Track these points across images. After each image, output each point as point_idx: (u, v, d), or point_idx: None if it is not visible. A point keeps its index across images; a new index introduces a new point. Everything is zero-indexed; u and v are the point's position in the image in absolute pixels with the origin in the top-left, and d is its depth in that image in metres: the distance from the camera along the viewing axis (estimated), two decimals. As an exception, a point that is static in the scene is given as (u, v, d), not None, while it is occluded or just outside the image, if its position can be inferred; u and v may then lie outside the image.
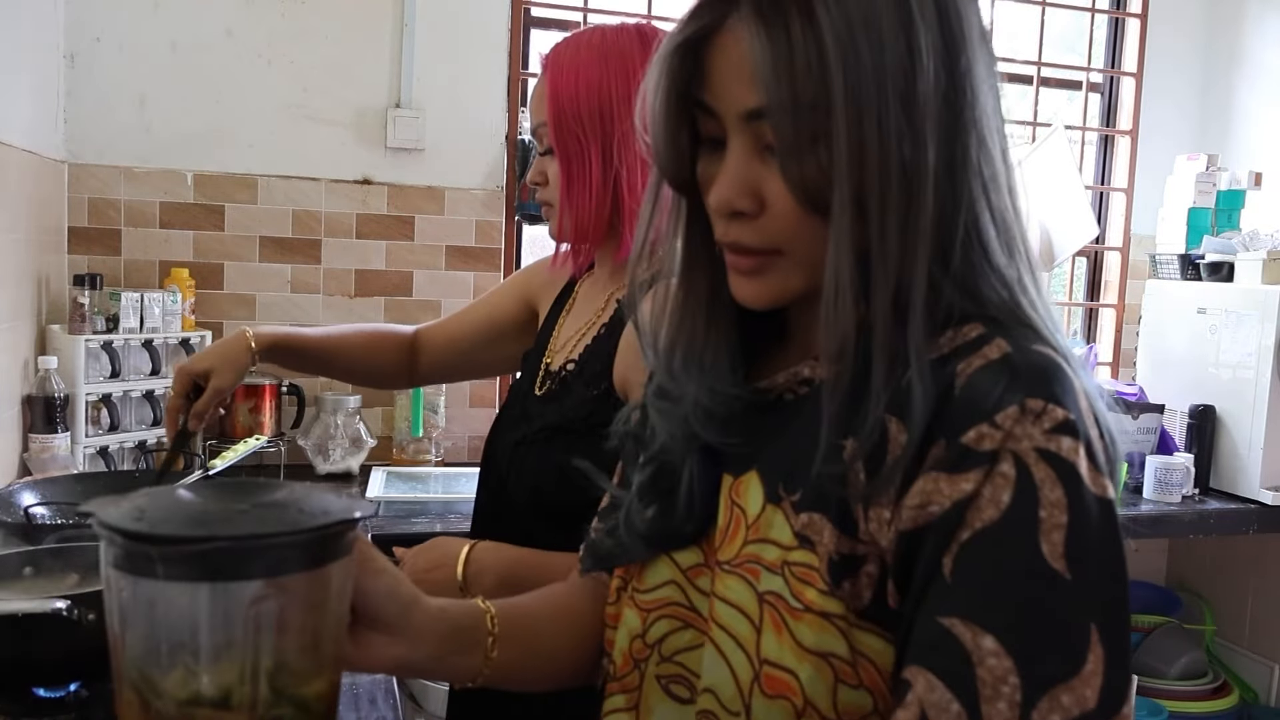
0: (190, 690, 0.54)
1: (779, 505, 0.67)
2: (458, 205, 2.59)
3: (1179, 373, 2.67)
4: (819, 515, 0.64)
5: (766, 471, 0.70)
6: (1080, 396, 0.60)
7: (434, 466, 2.48)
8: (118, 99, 2.36)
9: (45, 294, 2.18)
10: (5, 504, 1.47)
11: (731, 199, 0.65)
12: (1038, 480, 0.56)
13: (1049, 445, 0.57)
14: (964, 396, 0.60)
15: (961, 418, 0.59)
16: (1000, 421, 0.58)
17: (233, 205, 2.44)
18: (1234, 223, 2.78)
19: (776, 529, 0.67)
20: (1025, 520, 0.56)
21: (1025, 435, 0.57)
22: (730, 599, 0.69)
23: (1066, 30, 3.26)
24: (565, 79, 1.19)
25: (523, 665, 0.79)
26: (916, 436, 0.60)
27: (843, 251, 0.62)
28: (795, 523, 0.66)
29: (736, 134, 0.65)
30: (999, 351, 0.61)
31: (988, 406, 0.59)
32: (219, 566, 0.53)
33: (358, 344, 1.51)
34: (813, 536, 0.64)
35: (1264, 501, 2.45)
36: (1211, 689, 2.70)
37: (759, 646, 0.66)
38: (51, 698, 1.02)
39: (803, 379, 0.71)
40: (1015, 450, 0.57)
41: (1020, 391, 0.58)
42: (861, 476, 0.63)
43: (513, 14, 2.60)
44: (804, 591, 0.64)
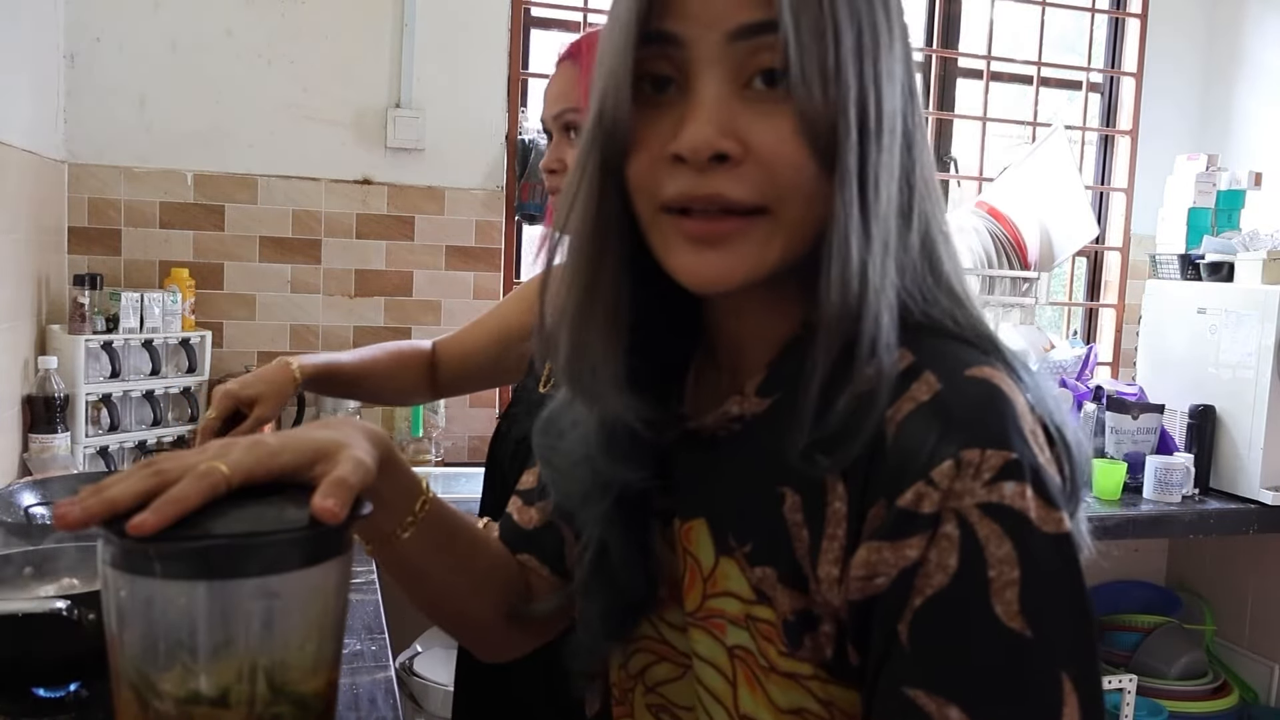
0: (188, 689, 0.54)
1: (731, 556, 0.64)
2: (458, 205, 2.59)
3: (1179, 373, 2.67)
4: (770, 570, 0.61)
5: (713, 519, 0.66)
6: (1024, 419, 0.56)
7: (434, 466, 2.48)
8: (118, 99, 2.36)
9: (45, 294, 2.18)
10: (5, 504, 1.47)
11: (712, 138, 0.56)
12: (983, 538, 0.53)
13: (991, 498, 0.53)
14: (896, 450, 0.55)
15: (896, 476, 0.55)
16: (937, 479, 0.54)
17: (233, 205, 2.44)
18: (1234, 223, 2.78)
19: (734, 581, 0.64)
20: (975, 583, 0.52)
21: (965, 491, 0.53)
22: (703, 655, 0.66)
23: (1066, 30, 3.26)
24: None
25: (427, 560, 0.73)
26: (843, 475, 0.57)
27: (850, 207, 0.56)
28: (751, 576, 0.62)
29: (713, 65, 0.57)
30: (928, 390, 0.56)
31: (921, 462, 0.54)
32: (216, 565, 0.53)
33: (385, 366, 1.51)
34: (768, 592, 0.61)
35: (1264, 501, 2.45)
36: (1211, 689, 2.69)
37: (736, 702, 0.64)
38: (51, 698, 1.02)
39: (732, 417, 0.65)
40: (957, 509, 0.53)
41: (955, 442, 0.54)
42: (805, 533, 0.59)
43: (513, 14, 2.60)
44: (768, 650, 0.62)
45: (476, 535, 0.78)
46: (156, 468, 0.55)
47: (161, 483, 0.54)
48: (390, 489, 0.67)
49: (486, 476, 1.35)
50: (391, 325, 2.57)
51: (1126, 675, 2.54)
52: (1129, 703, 2.50)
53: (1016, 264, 2.79)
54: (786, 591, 0.60)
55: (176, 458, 0.57)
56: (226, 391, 1.32)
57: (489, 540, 0.80)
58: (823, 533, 0.59)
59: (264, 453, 0.58)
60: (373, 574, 1.50)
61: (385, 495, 0.66)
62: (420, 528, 0.70)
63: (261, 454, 0.58)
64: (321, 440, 0.60)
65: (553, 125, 1.26)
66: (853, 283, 0.57)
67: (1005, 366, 0.58)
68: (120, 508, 0.53)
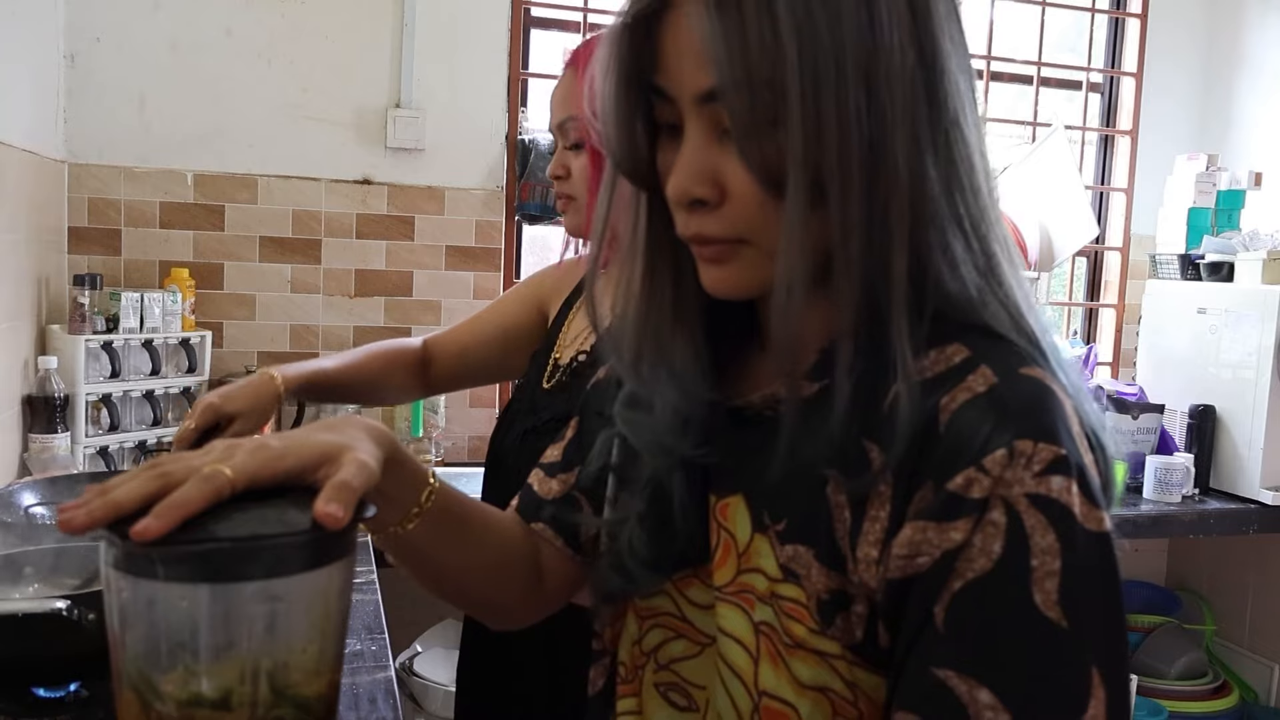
0: (190, 691, 0.54)
1: (765, 534, 0.65)
2: (458, 205, 2.59)
3: (1179, 373, 2.67)
4: (805, 548, 0.62)
5: (752, 496, 0.67)
6: (1073, 420, 0.58)
7: (434, 466, 2.48)
8: (118, 99, 2.36)
9: (45, 294, 2.18)
10: (5, 504, 1.46)
11: (689, 187, 0.62)
12: (1029, 527, 0.54)
13: (1039, 489, 0.55)
14: (950, 436, 0.57)
15: (948, 460, 0.57)
16: (989, 467, 0.55)
17: (233, 205, 2.44)
18: (1234, 223, 2.78)
19: (763, 558, 0.65)
20: (1017, 570, 0.54)
21: (1015, 480, 0.55)
22: (728, 629, 0.67)
23: (1066, 30, 3.26)
24: None
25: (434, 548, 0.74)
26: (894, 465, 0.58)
27: (794, 241, 0.58)
28: (780, 554, 0.64)
29: (693, 118, 0.62)
30: (985, 383, 0.58)
31: (975, 449, 0.56)
32: (219, 567, 0.53)
33: (374, 369, 1.50)
34: (799, 570, 0.62)
35: (1264, 501, 2.45)
36: (1211, 689, 2.70)
37: (757, 678, 0.64)
38: (51, 698, 1.02)
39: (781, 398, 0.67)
40: (1005, 496, 0.55)
41: (1009, 432, 0.56)
42: (847, 514, 0.61)
43: (513, 14, 2.60)
44: (793, 628, 0.62)
45: (485, 517, 0.79)
46: (160, 470, 0.55)
47: (165, 485, 0.54)
48: (395, 485, 0.67)
49: (487, 474, 1.35)
50: (391, 325, 2.57)
51: (1126, 675, 2.54)
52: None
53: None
54: (822, 570, 0.61)
55: (181, 459, 0.57)
56: (208, 405, 1.27)
57: (498, 520, 0.81)
58: (865, 514, 0.60)
59: (268, 456, 0.58)
60: (373, 574, 1.50)
61: (390, 492, 0.67)
62: (426, 518, 0.71)
63: (265, 457, 0.58)
64: (325, 443, 0.60)
65: (556, 133, 1.27)
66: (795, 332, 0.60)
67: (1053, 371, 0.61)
68: (124, 511, 0.53)
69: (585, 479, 0.81)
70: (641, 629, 0.75)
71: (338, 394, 1.51)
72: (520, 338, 1.46)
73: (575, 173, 1.24)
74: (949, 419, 0.58)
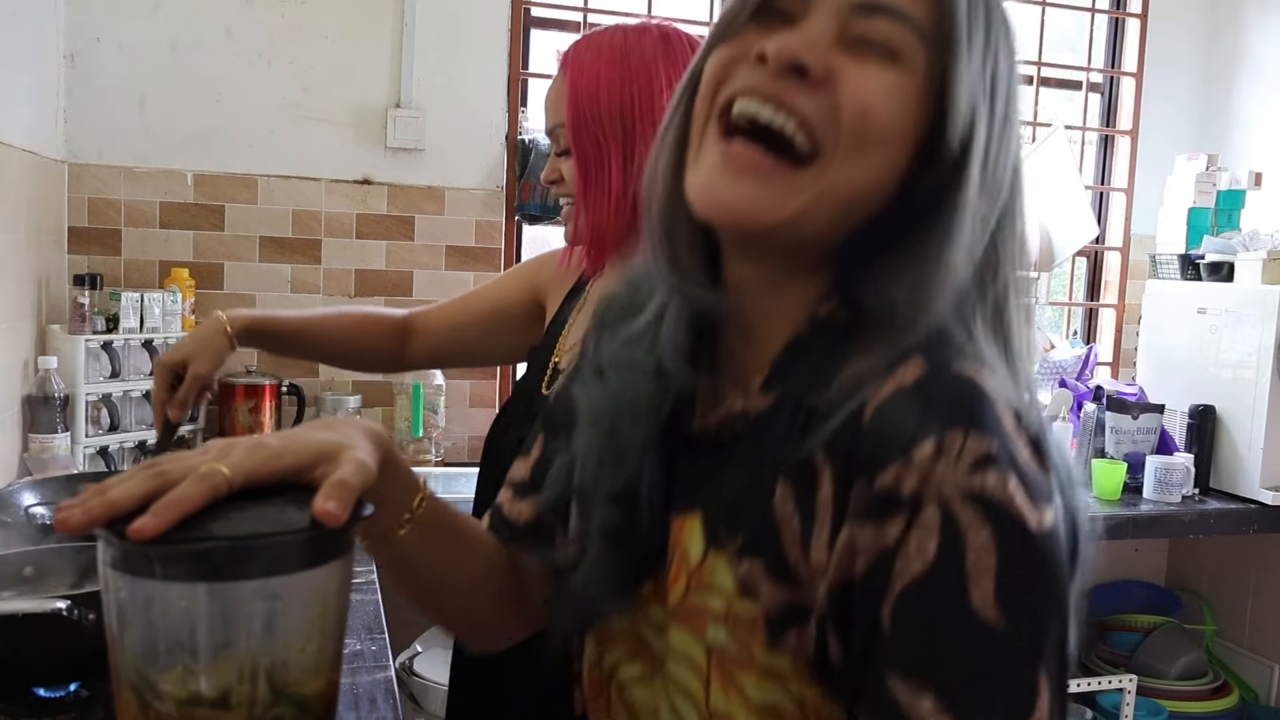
0: (189, 690, 0.54)
1: (721, 550, 0.64)
2: (458, 205, 2.59)
3: (1179, 373, 2.67)
4: (759, 561, 0.61)
5: (708, 512, 0.66)
6: (1006, 417, 0.56)
7: (434, 466, 2.48)
8: (118, 99, 2.36)
9: (45, 294, 2.18)
10: (5, 504, 1.46)
11: (800, 48, 0.58)
12: (963, 525, 0.53)
13: (972, 484, 0.53)
14: (873, 429, 0.56)
15: (876, 455, 0.56)
16: (917, 459, 0.54)
17: (233, 205, 2.44)
18: (1234, 223, 2.78)
19: (719, 575, 0.64)
20: (952, 569, 0.53)
21: (948, 476, 0.53)
22: (680, 650, 0.66)
23: (1066, 30, 3.26)
24: (585, 80, 1.17)
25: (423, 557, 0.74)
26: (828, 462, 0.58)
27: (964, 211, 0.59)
28: (737, 570, 0.62)
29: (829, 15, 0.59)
30: (913, 375, 0.57)
31: (902, 441, 0.55)
32: (217, 566, 0.53)
33: (342, 326, 1.46)
34: (754, 585, 0.61)
35: (1264, 501, 2.45)
36: (1211, 689, 2.69)
37: (708, 700, 0.64)
38: (51, 698, 1.02)
39: (736, 414, 0.67)
40: (939, 494, 0.53)
41: (936, 422, 0.54)
42: (796, 523, 0.60)
43: (513, 14, 2.60)
44: (750, 644, 0.61)
45: (473, 532, 0.79)
46: (158, 469, 0.55)
47: (163, 484, 0.54)
48: (389, 488, 0.67)
49: (482, 474, 1.35)
50: (391, 325, 2.57)
51: (1126, 675, 2.54)
52: (1129, 703, 2.50)
53: (1016, 264, 2.78)
54: (772, 584, 0.60)
55: (178, 459, 0.57)
56: (159, 362, 1.32)
57: (485, 536, 0.81)
58: (814, 519, 0.59)
59: (265, 454, 0.58)
60: (373, 574, 1.49)
61: (384, 494, 0.67)
62: (417, 525, 0.70)
63: (263, 455, 0.58)
64: (323, 442, 0.60)
65: (549, 138, 1.26)
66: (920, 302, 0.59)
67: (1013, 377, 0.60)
68: (121, 510, 0.53)
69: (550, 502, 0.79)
70: (600, 650, 0.74)
71: (295, 346, 1.47)
72: (513, 321, 1.44)
73: (567, 178, 1.23)
74: (874, 411, 0.57)
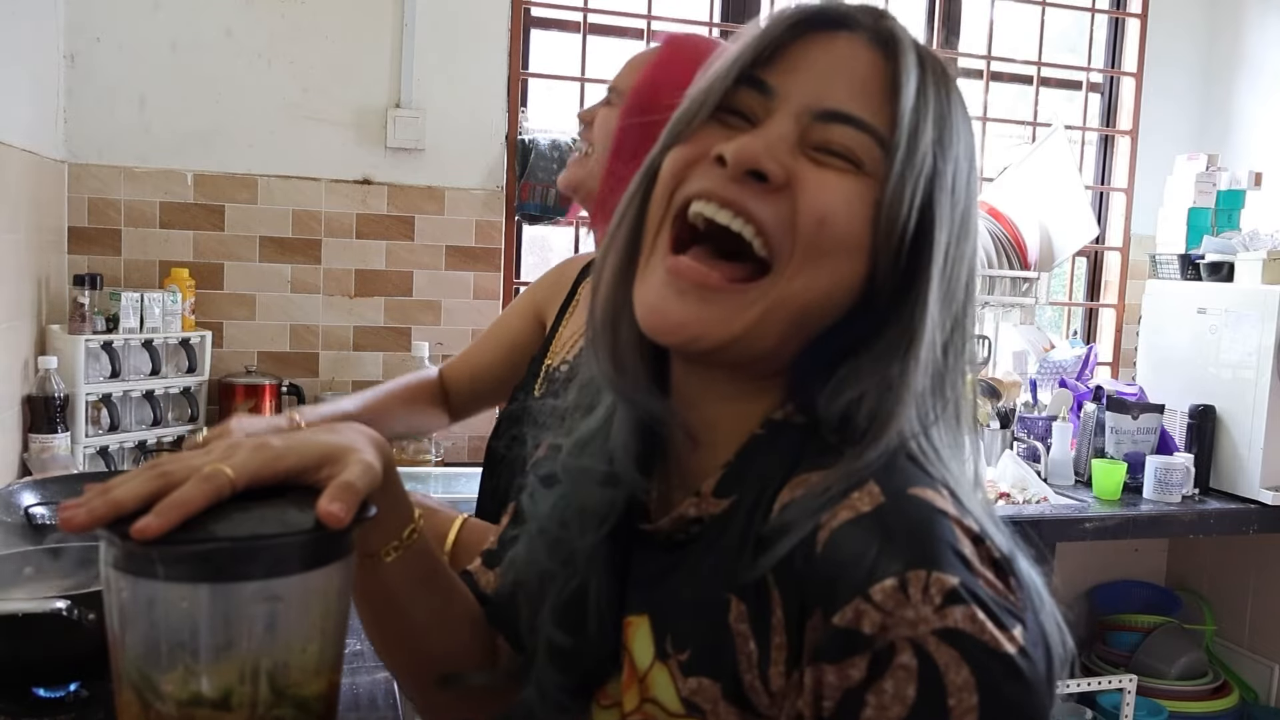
0: (190, 690, 0.54)
1: (665, 662, 0.62)
2: (458, 205, 2.59)
3: (1179, 373, 2.67)
4: (709, 682, 0.59)
5: (656, 619, 0.64)
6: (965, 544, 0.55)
7: (434, 466, 2.48)
8: (118, 99, 2.36)
9: (45, 294, 2.18)
10: (5, 504, 1.46)
11: (760, 153, 0.59)
12: (941, 666, 0.51)
13: (945, 623, 0.51)
14: (829, 559, 0.54)
15: (832, 588, 0.53)
16: (878, 599, 0.52)
17: (233, 205, 2.44)
18: (1234, 223, 2.78)
19: (661, 690, 0.62)
20: (935, 713, 0.50)
21: (919, 619, 0.51)
22: None
23: (1067, 30, 3.26)
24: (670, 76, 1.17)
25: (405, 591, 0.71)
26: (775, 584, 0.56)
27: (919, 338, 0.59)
28: (682, 687, 0.60)
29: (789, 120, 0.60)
30: (870, 502, 0.55)
31: (860, 577, 0.53)
32: (219, 567, 0.53)
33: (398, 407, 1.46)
34: (703, 705, 0.59)
35: (1264, 501, 2.45)
36: (1211, 689, 2.69)
37: None
38: (51, 698, 1.02)
39: (691, 519, 0.64)
40: (912, 637, 0.51)
41: (897, 559, 0.53)
42: (752, 645, 0.57)
43: (513, 14, 2.60)
44: None
45: (455, 580, 0.76)
46: (161, 469, 0.55)
47: (166, 484, 0.54)
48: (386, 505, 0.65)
49: (484, 472, 1.35)
50: (391, 325, 2.57)
51: (1126, 675, 2.54)
52: (1129, 703, 2.50)
53: (1016, 264, 2.78)
54: (730, 708, 0.58)
55: (181, 459, 0.57)
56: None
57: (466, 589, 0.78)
58: (769, 645, 0.57)
59: (269, 455, 0.57)
60: (373, 574, 1.49)
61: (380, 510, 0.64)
62: (405, 555, 0.68)
63: (267, 456, 0.57)
64: (327, 444, 0.60)
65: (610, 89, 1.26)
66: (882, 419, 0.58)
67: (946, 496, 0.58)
68: (124, 510, 0.53)
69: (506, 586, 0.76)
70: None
71: None
72: (526, 351, 1.44)
73: (599, 123, 1.23)
74: (827, 539, 0.55)
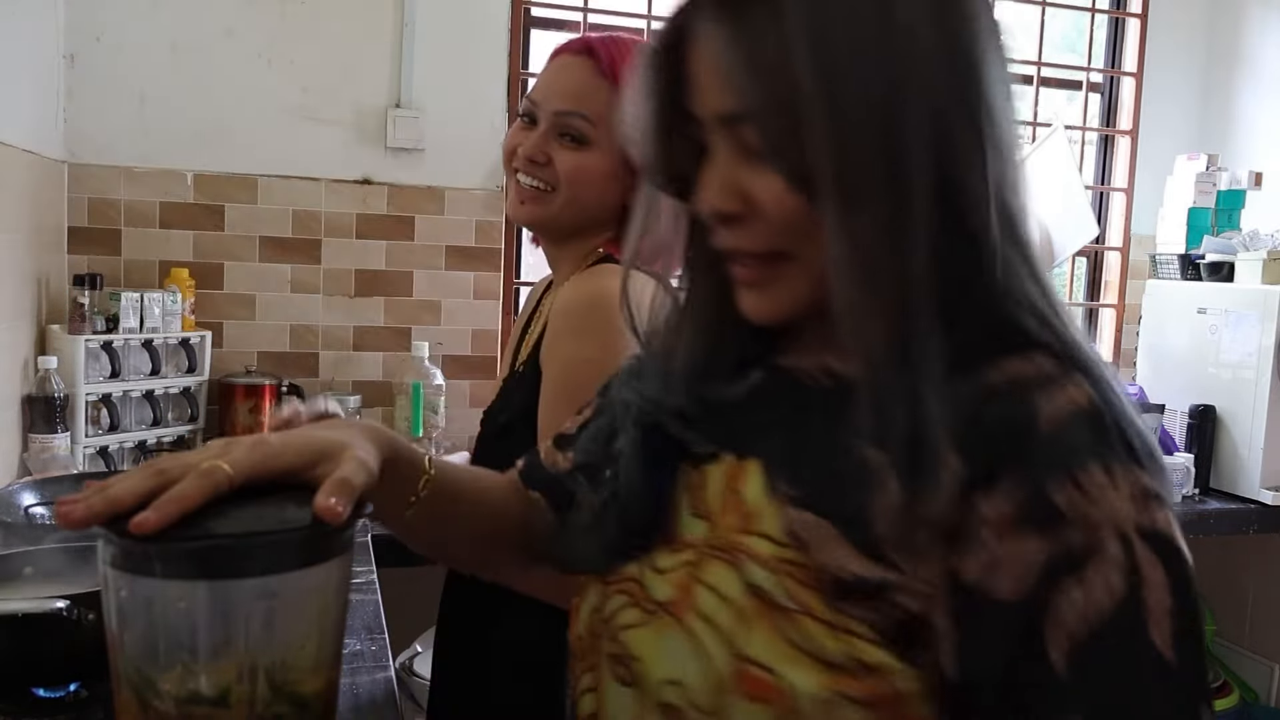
0: (188, 688, 0.54)
1: (774, 498, 0.63)
2: (458, 205, 2.59)
3: (1179, 373, 2.67)
4: (823, 520, 0.60)
5: (770, 462, 0.65)
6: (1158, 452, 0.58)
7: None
8: (118, 99, 2.35)
9: (45, 294, 2.18)
10: (5, 504, 1.46)
11: (716, 203, 0.63)
12: (1141, 562, 0.53)
13: (1144, 521, 0.54)
14: (1049, 437, 0.56)
15: (1048, 465, 0.55)
16: (1085, 483, 0.54)
17: (233, 205, 2.44)
18: (1234, 223, 2.78)
19: (768, 523, 0.63)
20: (1136, 609, 0.53)
21: (1122, 509, 0.54)
22: (715, 586, 0.63)
23: (1066, 30, 3.26)
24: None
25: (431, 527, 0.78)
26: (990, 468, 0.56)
27: (840, 247, 0.58)
28: (789, 519, 0.61)
29: (717, 137, 0.63)
30: (1085, 397, 0.57)
31: (1073, 458, 0.55)
32: (217, 564, 0.53)
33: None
34: (806, 537, 0.60)
35: (1264, 501, 2.45)
36: (1211, 689, 2.69)
37: (743, 642, 0.60)
38: (51, 698, 1.02)
39: (831, 371, 0.66)
40: (1118, 528, 0.54)
41: (1109, 452, 0.55)
42: (894, 497, 0.57)
43: (513, 14, 2.60)
44: (801, 594, 0.59)
45: (479, 493, 0.83)
46: (159, 467, 0.56)
47: (164, 482, 0.54)
48: (393, 481, 0.68)
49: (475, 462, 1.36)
50: (391, 325, 2.57)
51: (1126, 675, 2.53)
52: (1129, 703, 2.50)
53: (1016, 264, 2.78)
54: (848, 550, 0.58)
55: (179, 458, 0.57)
56: None
57: (490, 492, 0.84)
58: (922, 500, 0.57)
59: (266, 452, 0.58)
60: (373, 574, 1.49)
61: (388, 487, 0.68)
62: (422, 504, 0.73)
63: (264, 453, 0.58)
64: (324, 441, 0.60)
65: (548, 119, 1.21)
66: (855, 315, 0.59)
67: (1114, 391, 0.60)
68: (122, 507, 0.53)
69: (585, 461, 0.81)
70: (604, 595, 0.73)
71: None
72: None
73: (564, 166, 1.20)
74: (1049, 420, 0.56)
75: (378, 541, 1.66)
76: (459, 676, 1.30)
